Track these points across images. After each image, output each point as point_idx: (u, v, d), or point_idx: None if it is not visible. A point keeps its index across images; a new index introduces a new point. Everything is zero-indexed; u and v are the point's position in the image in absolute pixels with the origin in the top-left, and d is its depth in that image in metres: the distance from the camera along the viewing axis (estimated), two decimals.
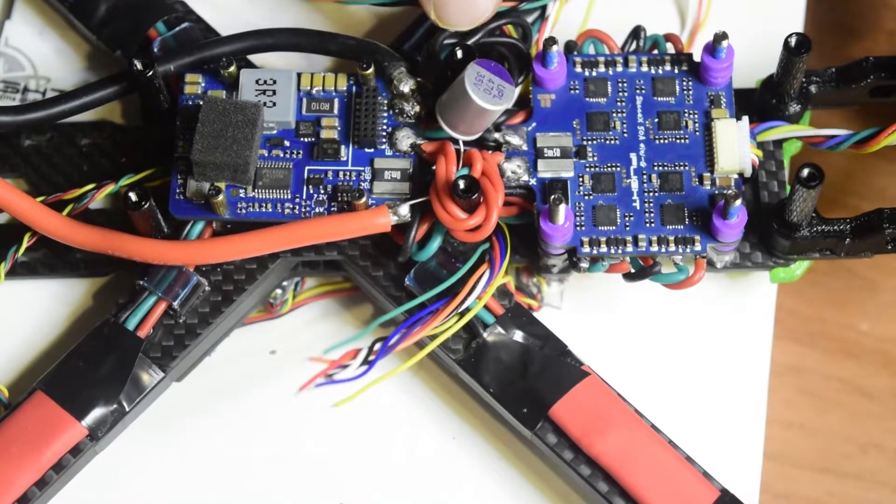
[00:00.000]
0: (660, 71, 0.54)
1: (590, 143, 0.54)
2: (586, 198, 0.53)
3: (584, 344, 0.54)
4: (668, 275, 0.53)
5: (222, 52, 0.54)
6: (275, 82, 0.54)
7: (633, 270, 0.53)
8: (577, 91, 0.54)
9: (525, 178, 0.53)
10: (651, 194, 0.53)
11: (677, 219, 0.52)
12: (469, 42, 0.54)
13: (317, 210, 0.53)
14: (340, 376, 0.56)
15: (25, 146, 0.58)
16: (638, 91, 0.54)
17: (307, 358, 0.56)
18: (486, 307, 0.54)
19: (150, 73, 0.54)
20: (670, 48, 0.56)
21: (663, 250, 0.52)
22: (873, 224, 0.53)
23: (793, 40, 0.53)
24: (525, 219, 0.54)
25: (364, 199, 0.52)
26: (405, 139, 0.54)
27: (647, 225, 0.52)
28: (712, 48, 0.53)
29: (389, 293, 0.54)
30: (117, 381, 0.53)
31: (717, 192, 0.52)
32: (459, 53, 0.53)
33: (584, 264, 0.53)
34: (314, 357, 0.56)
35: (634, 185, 0.53)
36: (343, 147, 0.54)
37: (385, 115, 0.54)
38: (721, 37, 0.53)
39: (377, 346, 0.56)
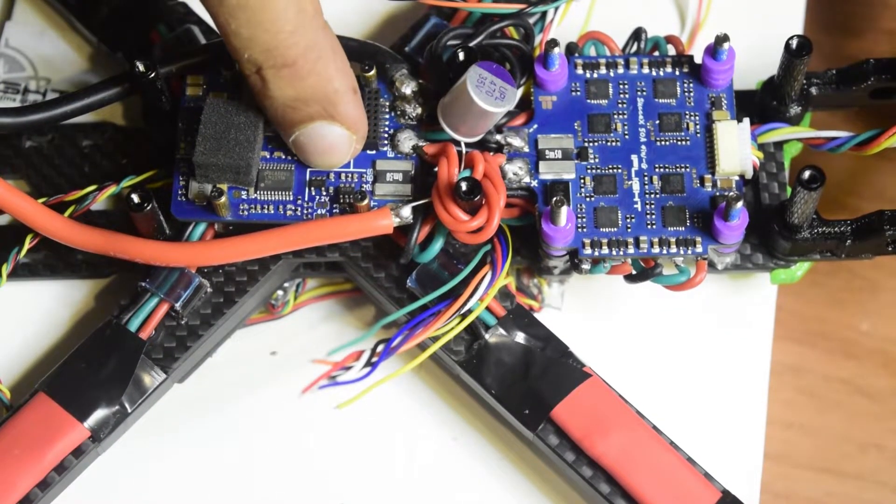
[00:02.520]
0: (661, 73, 0.54)
1: (591, 144, 0.54)
2: (588, 199, 0.53)
3: (586, 345, 0.54)
4: (669, 276, 0.53)
5: (224, 54, 0.54)
6: None
7: (634, 272, 0.53)
8: (579, 93, 0.54)
9: (526, 179, 0.53)
10: (652, 196, 0.53)
11: (678, 220, 0.52)
12: (471, 44, 0.54)
13: (319, 212, 0.53)
14: (343, 378, 0.56)
15: (26, 147, 0.58)
16: (639, 93, 0.54)
17: (309, 360, 0.56)
18: (487, 308, 0.54)
19: (152, 75, 0.53)
20: (671, 50, 0.56)
21: (664, 252, 0.52)
22: (874, 225, 0.53)
23: (794, 42, 0.53)
24: (526, 220, 0.54)
25: (366, 201, 0.52)
26: (407, 141, 0.54)
27: (649, 227, 0.52)
28: (713, 50, 0.53)
29: (391, 295, 0.54)
30: (119, 383, 0.53)
31: (718, 193, 0.53)
32: (461, 55, 0.53)
33: (586, 266, 0.53)
34: (317, 359, 0.56)
35: (636, 186, 0.53)
36: None
37: (387, 116, 0.54)
38: (722, 39, 0.53)
39: (380, 348, 0.56)
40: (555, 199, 0.51)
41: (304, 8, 0.48)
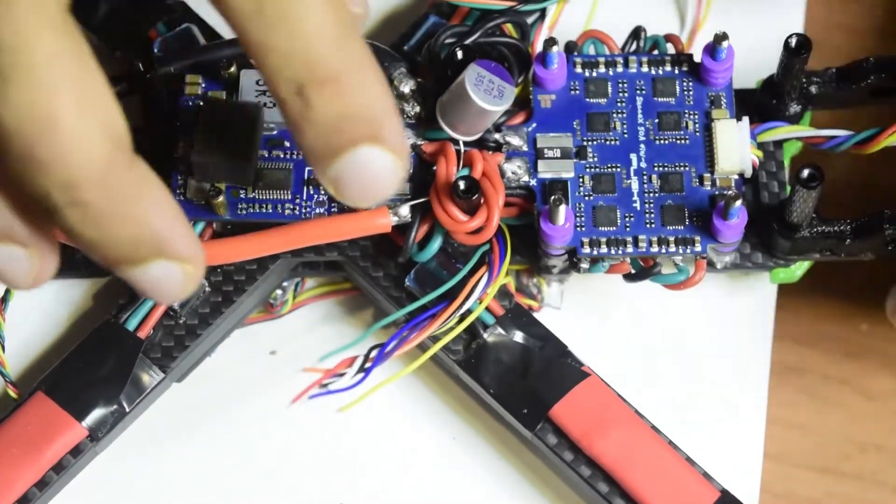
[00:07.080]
0: (660, 71, 0.54)
1: (590, 143, 0.54)
2: (586, 198, 0.53)
3: (585, 344, 0.54)
4: (668, 275, 0.53)
5: (223, 53, 0.54)
6: None
7: (633, 271, 0.53)
8: (578, 91, 0.54)
9: (525, 178, 0.53)
10: (651, 195, 0.53)
11: (677, 219, 0.52)
12: (468, 42, 0.54)
13: (317, 211, 0.53)
14: (336, 385, 0.56)
15: None
16: (638, 92, 0.54)
17: (309, 359, 0.56)
18: (486, 308, 0.54)
19: (151, 74, 0.53)
20: (670, 49, 0.56)
21: (663, 251, 0.52)
22: (874, 225, 0.53)
23: (793, 41, 0.53)
24: (525, 220, 0.54)
25: None
26: (405, 140, 0.54)
27: (648, 225, 0.52)
28: (712, 49, 0.53)
29: (390, 294, 0.54)
30: (117, 382, 0.53)
31: (717, 192, 0.52)
32: (459, 54, 0.53)
33: (585, 265, 0.53)
34: (308, 367, 0.56)
35: (635, 185, 0.53)
36: None
37: None
38: (721, 37, 0.52)
39: (373, 354, 0.56)
40: (553, 198, 0.51)
41: (342, 17, 0.42)
